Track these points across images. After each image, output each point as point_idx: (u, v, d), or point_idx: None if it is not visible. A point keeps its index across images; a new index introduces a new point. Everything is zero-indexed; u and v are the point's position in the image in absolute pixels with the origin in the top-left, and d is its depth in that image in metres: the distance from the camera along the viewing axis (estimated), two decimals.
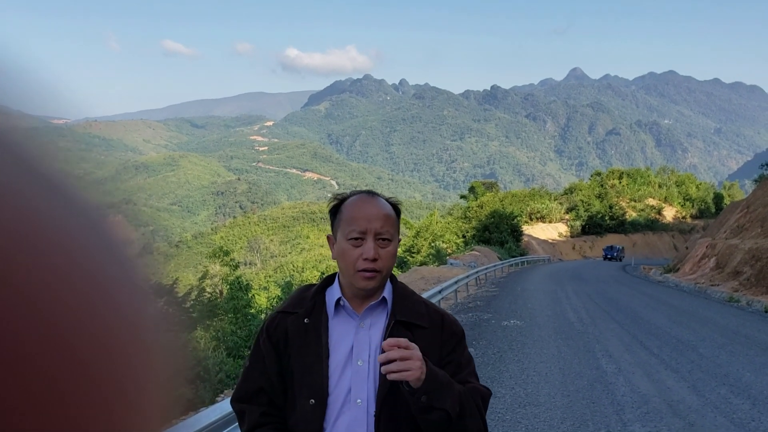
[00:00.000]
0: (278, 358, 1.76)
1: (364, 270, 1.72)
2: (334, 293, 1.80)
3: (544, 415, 6.36)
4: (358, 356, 1.74)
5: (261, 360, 1.77)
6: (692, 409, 6.56)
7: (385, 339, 1.73)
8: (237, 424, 4.20)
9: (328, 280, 1.87)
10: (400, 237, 1.85)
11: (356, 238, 1.72)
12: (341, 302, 1.78)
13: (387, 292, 1.82)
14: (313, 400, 1.69)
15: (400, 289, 1.85)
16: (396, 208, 1.83)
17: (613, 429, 5.92)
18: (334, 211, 1.81)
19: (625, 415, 6.34)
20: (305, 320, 1.76)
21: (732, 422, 6.13)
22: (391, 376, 1.56)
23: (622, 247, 60.44)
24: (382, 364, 1.57)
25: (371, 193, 1.83)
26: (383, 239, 1.74)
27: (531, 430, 5.91)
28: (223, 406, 3.93)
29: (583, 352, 9.75)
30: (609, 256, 57.28)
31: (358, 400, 1.70)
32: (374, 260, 1.72)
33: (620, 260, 56.57)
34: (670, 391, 7.34)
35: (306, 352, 1.73)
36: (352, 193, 1.83)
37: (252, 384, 1.77)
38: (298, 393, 1.72)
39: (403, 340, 1.59)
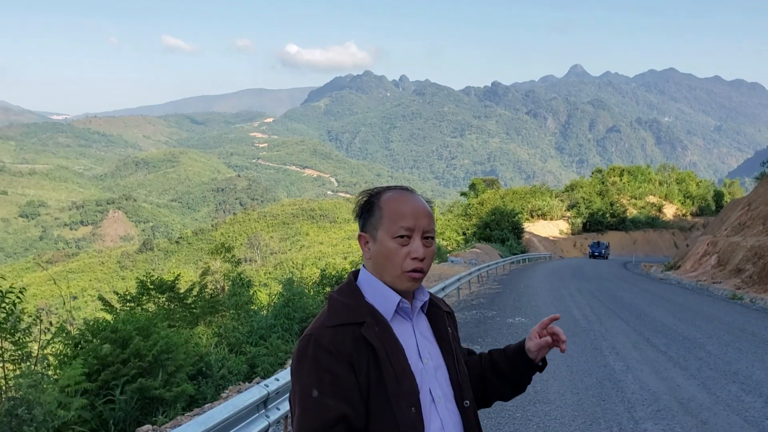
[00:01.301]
0: (356, 377, 1.57)
1: (413, 270, 1.65)
2: (385, 296, 1.68)
3: (555, 413, 6.29)
4: (423, 355, 1.69)
5: (334, 383, 1.54)
6: (704, 407, 6.49)
7: (450, 331, 1.81)
8: (247, 421, 4.13)
9: (354, 283, 1.75)
10: None
11: (403, 236, 1.64)
12: (402, 304, 1.68)
13: (424, 290, 1.79)
14: (414, 408, 1.57)
15: None
16: (430, 205, 1.78)
17: (626, 427, 5.85)
18: (369, 208, 1.71)
19: (637, 413, 6.27)
20: (376, 328, 1.62)
21: (745, 420, 6.05)
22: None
23: (608, 244, 57.23)
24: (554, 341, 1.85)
25: (409, 189, 1.75)
26: (428, 237, 1.68)
27: (542, 428, 5.84)
28: (236, 403, 3.87)
29: (590, 350, 9.68)
30: (596, 254, 53.00)
31: (439, 398, 1.66)
32: (422, 260, 1.66)
33: (606, 258, 52.85)
34: (680, 388, 7.26)
35: (395, 361, 1.60)
36: (385, 188, 1.74)
37: (332, 414, 1.51)
38: (396, 405, 1.56)
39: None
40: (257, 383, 7.18)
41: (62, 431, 6.11)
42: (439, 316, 1.79)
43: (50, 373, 7.12)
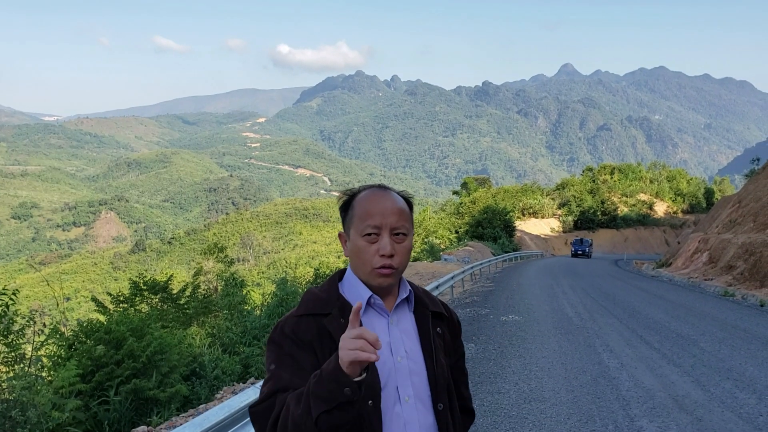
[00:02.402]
0: (315, 359, 1.61)
1: (382, 267, 1.68)
2: (358, 291, 1.73)
3: (550, 411, 6.30)
4: (397, 353, 1.70)
5: (292, 364, 1.60)
6: (698, 404, 6.51)
7: (439, 331, 1.81)
8: (244, 422, 4.11)
9: (337, 279, 1.81)
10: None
11: (371, 234, 1.67)
12: (373, 300, 1.72)
13: (406, 287, 1.80)
14: (371, 401, 1.58)
15: (410, 282, 1.84)
16: (408, 201, 1.80)
17: (621, 424, 5.86)
18: (345, 208, 1.76)
19: (632, 410, 6.29)
20: (341, 320, 1.66)
21: (740, 417, 6.08)
22: None
23: (591, 241, 54.14)
24: None
25: (383, 187, 1.78)
26: (399, 234, 1.70)
27: (538, 426, 5.85)
28: (231, 404, 3.86)
29: (584, 347, 9.70)
30: (579, 252, 49.80)
31: (406, 397, 1.67)
32: (391, 256, 1.68)
33: (589, 256, 50.04)
34: (675, 385, 7.29)
35: None
36: (363, 188, 1.78)
37: (283, 383, 1.56)
38: None
39: None
40: (252, 384, 7.17)
41: None
42: (424, 315, 1.80)
43: (44, 374, 7.08)
